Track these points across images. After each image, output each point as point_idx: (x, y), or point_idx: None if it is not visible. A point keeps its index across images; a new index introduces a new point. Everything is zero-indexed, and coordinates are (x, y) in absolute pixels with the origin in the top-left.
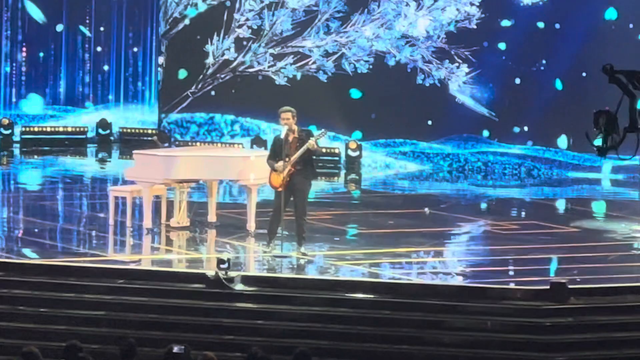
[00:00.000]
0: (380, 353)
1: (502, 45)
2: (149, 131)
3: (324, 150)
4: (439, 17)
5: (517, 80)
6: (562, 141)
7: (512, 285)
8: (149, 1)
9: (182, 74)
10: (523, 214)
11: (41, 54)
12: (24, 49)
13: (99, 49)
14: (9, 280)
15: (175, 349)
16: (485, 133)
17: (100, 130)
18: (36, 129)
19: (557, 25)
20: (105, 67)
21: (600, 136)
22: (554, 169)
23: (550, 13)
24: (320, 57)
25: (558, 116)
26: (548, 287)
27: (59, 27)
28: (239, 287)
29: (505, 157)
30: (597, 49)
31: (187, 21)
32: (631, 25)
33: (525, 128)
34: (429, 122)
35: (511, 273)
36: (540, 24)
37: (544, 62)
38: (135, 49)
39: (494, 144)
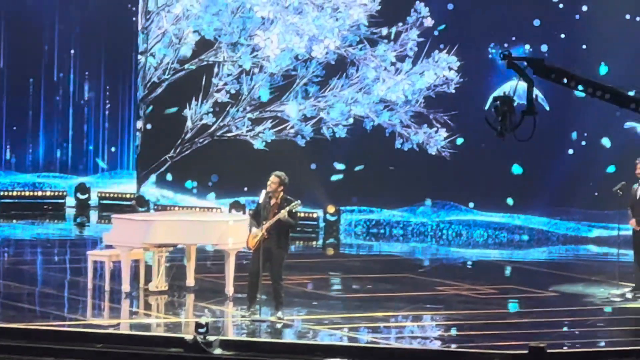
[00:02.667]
0: None
1: None
2: (128, 196)
3: (302, 214)
4: (417, 81)
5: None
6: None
7: (490, 350)
8: (127, 65)
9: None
10: (501, 278)
11: (20, 118)
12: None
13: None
14: None
15: None
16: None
17: (78, 195)
18: (14, 194)
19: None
20: (84, 132)
21: (499, 119)
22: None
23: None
24: (298, 121)
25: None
26: (526, 351)
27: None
28: (218, 351)
29: (482, 223)
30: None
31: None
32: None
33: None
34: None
35: (489, 337)
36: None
37: None
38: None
39: (473, 211)
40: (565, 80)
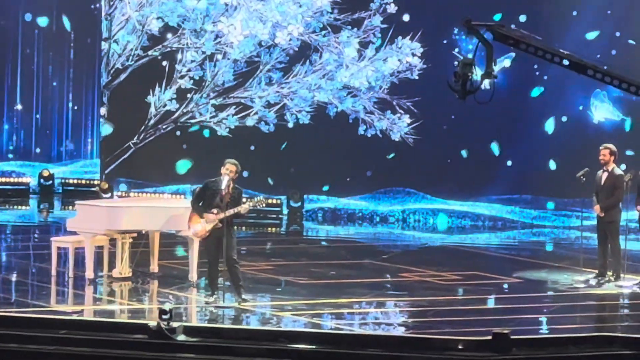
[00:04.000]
0: None
1: None
2: (92, 182)
3: (268, 200)
4: (380, 67)
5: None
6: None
7: (454, 336)
8: (91, 52)
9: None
10: (465, 264)
11: None
12: None
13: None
14: None
15: None
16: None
17: (42, 181)
18: None
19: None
20: (47, 118)
21: (459, 83)
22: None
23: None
24: (262, 107)
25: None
26: (490, 337)
27: None
28: (181, 337)
29: (446, 210)
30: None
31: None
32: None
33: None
34: (368, 174)
35: (453, 324)
36: None
37: None
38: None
39: (436, 199)
40: (523, 46)
